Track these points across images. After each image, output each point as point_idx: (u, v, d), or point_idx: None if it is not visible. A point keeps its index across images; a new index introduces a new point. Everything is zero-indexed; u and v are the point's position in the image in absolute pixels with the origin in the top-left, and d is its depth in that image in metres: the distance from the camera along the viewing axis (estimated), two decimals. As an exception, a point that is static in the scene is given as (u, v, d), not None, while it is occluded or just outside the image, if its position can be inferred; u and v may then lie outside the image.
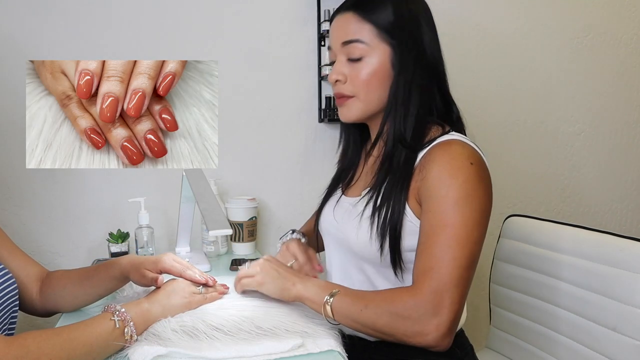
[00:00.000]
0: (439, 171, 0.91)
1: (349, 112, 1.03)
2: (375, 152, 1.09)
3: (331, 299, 0.90)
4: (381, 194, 0.97)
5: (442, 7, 1.75)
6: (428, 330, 0.86)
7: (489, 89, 1.88)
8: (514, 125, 1.93)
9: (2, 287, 0.93)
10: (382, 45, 0.98)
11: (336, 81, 1.02)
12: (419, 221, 0.95)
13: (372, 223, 0.97)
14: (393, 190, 0.96)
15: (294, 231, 1.23)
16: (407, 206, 0.95)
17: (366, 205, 0.99)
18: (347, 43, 0.99)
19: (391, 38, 0.98)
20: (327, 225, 1.11)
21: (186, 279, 0.97)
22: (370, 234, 0.97)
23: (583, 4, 1.95)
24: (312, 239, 1.23)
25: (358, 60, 0.99)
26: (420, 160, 0.96)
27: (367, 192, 1.02)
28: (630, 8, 2.01)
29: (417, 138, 0.98)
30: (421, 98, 0.98)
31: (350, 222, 1.02)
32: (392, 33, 0.97)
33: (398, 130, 0.98)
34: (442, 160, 0.92)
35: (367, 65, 0.98)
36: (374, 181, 1.02)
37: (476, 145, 0.98)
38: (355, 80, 0.99)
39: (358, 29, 0.98)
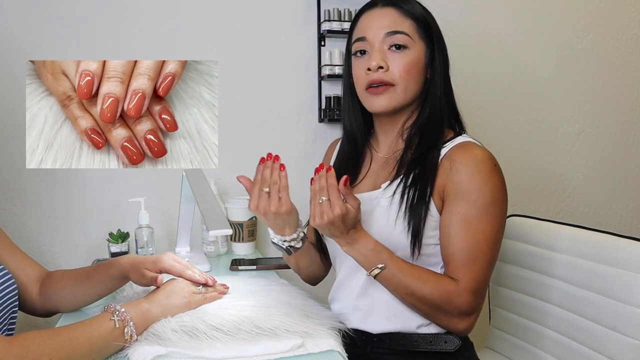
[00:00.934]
0: (467, 175, 0.97)
1: (388, 101, 1.04)
2: (384, 151, 1.11)
3: (378, 272, 0.96)
4: (407, 187, 1.01)
5: (443, 7, 1.75)
6: (462, 324, 0.98)
7: (489, 89, 1.88)
8: (514, 125, 1.93)
9: (2, 287, 0.93)
10: (420, 42, 1.05)
11: (378, 68, 1.03)
12: (438, 216, 1.00)
13: (397, 214, 1.00)
14: (418, 184, 1.00)
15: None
16: (431, 201, 0.99)
17: (393, 195, 1.02)
18: (392, 33, 1.03)
19: (426, 37, 1.05)
20: None
21: (186, 279, 0.97)
22: (396, 223, 0.99)
23: (583, 4, 1.95)
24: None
25: (402, 48, 1.03)
26: (442, 159, 1.01)
27: (388, 185, 1.04)
28: (630, 8, 2.01)
29: (438, 139, 1.03)
30: (448, 99, 1.06)
31: (368, 215, 1.03)
32: (427, 32, 1.05)
33: (426, 131, 1.04)
34: (468, 164, 0.98)
35: (410, 56, 1.03)
36: (395, 174, 1.04)
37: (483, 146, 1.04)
38: (398, 69, 1.03)
39: (402, 23, 1.04)
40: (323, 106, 1.68)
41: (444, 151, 1.02)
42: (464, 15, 1.82)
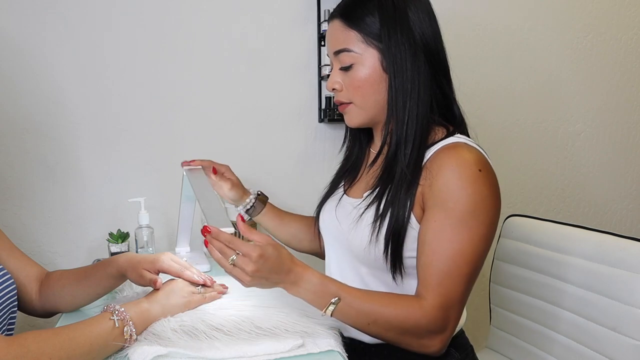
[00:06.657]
0: (446, 180, 0.90)
1: (352, 119, 1.04)
2: (376, 149, 1.10)
3: (333, 308, 0.89)
4: (384, 200, 0.96)
5: (443, 6, 1.74)
6: (433, 344, 0.90)
7: (489, 89, 1.88)
8: (514, 125, 1.93)
9: (1, 287, 0.93)
10: (370, 50, 0.97)
11: (333, 90, 1.03)
12: (419, 226, 0.94)
13: (373, 229, 0.95)
14: (397, 197, 0.94)
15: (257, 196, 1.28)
16: (411, 215, 0.94)
17: (366, 209, 0.98)
18: (337, 53, 1.00)
19: (378, 42, 0.96)
20: (328, 223, 1.11)
21: (184, 280, 0.97)
22: (370, 239, 0.96)
23: (583, 4, 1.95)
24: (286, 224, 1.30)
25: (349, 68, 0.99)
26: (425, 163, 0.94)
27: (368, 195, 1.00)
28: (630, 8, 2.01)
29: (419, 141, 0.96)
30: (420, 97, 0.96)
31: (350, 224, 1.01)
32: (378, 37, 0.96)
33: (399, 134, 0.96)
34: (449, 167, 0.90)
35: (358, 72, 0.98)
36: (375, 184, 1.00)
37: (480, 147, 0.97)
38: (349, 88, 1.00)
39: (345, 37, 0.98)
40: (323, 106, 1.68)
41: (428, 155, 0.95)
42: (464, 15, 1.82)
